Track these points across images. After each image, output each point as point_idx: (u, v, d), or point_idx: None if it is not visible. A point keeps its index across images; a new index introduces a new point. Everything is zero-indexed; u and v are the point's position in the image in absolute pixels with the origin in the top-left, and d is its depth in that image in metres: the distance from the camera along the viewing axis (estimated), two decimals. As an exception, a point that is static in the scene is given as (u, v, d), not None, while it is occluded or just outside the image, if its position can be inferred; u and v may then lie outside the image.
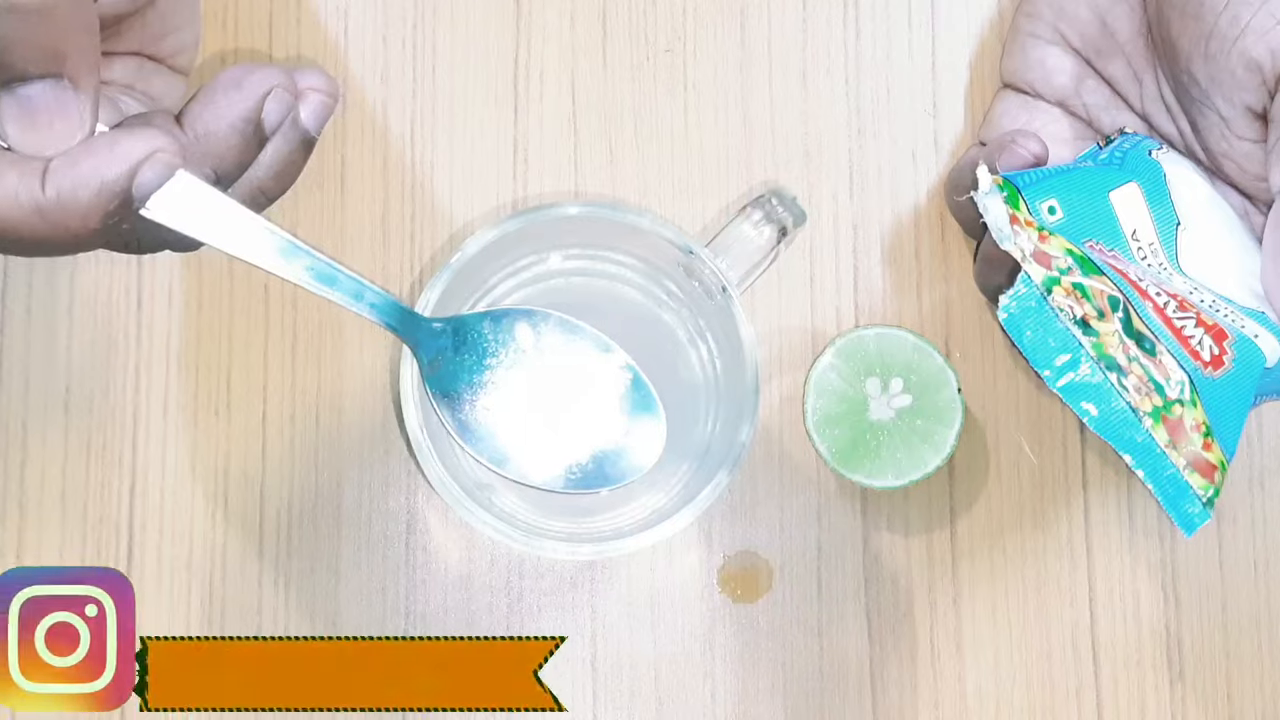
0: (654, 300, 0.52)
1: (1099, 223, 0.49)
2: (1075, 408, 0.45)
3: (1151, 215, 0.49)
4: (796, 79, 0.57)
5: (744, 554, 0.55)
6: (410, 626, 0.54)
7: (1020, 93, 0.54)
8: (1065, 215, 0.49)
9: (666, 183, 0.57)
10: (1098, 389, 0.45)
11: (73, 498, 0.54)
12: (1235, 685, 0.55)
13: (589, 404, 0.46)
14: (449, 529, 0.55)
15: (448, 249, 0.56)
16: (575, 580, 0.55)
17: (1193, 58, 0.48)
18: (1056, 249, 0.46)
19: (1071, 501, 0.56)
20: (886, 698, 0.54)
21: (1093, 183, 0.50)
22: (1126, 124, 0.52)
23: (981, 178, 0.47)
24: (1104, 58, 0.52)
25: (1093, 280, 0.46)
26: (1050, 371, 0.45)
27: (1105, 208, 0.50)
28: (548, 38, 0.57)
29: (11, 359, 0.55)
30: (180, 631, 0.54)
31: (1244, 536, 0.56)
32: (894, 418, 0.53)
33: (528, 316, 0.45)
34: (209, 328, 0.55)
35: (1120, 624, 0.55)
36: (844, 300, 0.56)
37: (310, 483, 0.55)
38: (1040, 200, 0.49)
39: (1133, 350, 0.45)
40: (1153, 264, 0.49)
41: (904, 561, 0.55)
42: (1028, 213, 0.48)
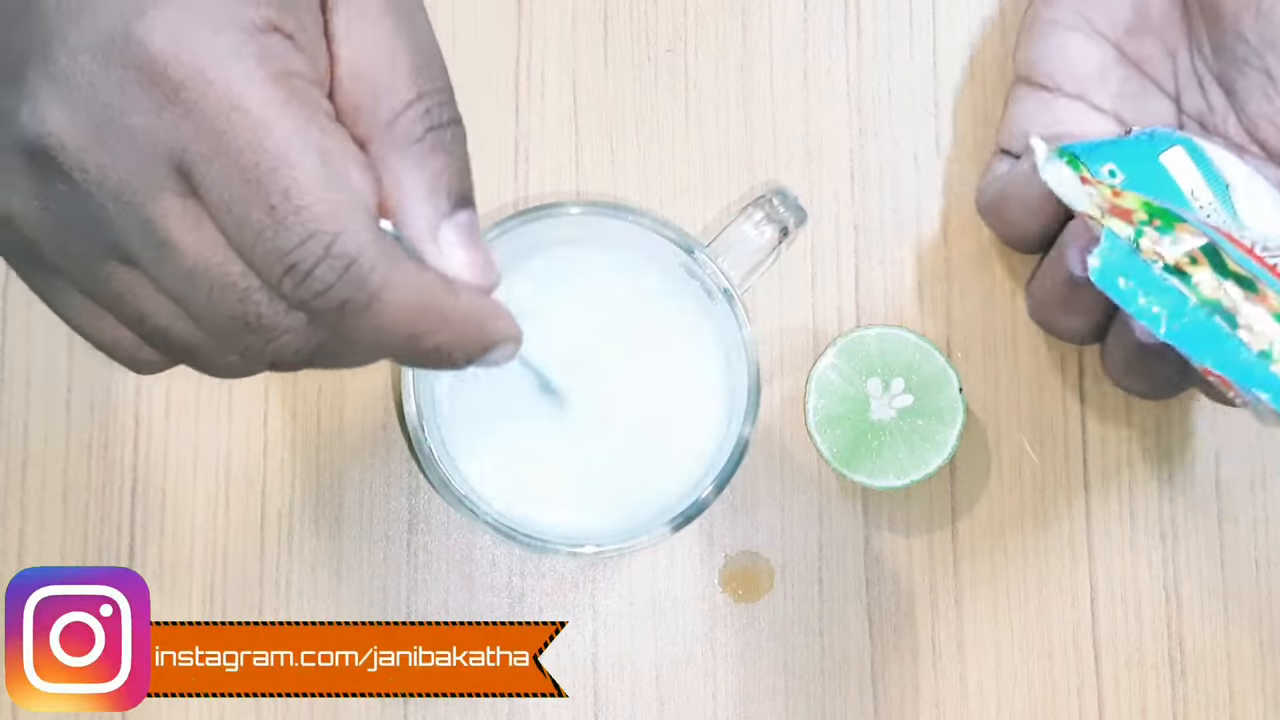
0: (654, 300, 0.52)
1: (1159, 183, 0.48)
2: (1189, 353, 0.43)
3: (1203, 176, 0.49)
4: (798, 79, 0.57)
5: (745, 554, 0.55)
6: (411, 626, 0.54)
7: (1038, 87, 0.53)
8: (1126, 177, 0.48)
9: (668, 182, 0.57)
10: (1208, 330, 0.43)
11: (74, 498, 0.54)
12: (1237, 685, 0.55)
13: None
14: (450, 529, 0.55)
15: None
16: (576, 580, 0.55)
17: (1242, 16, 0.49)
18: (1133, 203, 0.45)
19: (1073, 501, 0.56)
20: (888, 697, 0.54)
21: (1141, 148, 0.49)
22: (1152, 116, 0.52)
23: (1037, 148, 0.46)
24: (1135, 37, 0.52)
25: (1178, 230, 0.44)
26: (1152, 320, 0.43)
27: (1160, 170, 0.48)
28: (549, 37, 0.57)
29: (13, 359, 0.55)
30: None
31: (1245, 536, 0.56)
32: (895, 417, 0.53)
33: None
34: (210, 328, 0.55)
35: (1122, 624, 0.55)
36: (845, 300, 0.56)
37: (311, 483, 0.55)
38: (1099, 164, 0.48)
39: (1233, 291, 0.43)
40: (1217, 222, 0.48)
41: (905, 561, 0.55)
42: (1091, 176, 0.47)
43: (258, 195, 0.33)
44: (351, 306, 0.34)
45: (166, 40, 0.33)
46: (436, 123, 0.36)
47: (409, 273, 0.35)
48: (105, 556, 0.54)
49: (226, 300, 0.35)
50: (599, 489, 0.51)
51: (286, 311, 0.35)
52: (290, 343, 0.36)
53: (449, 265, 0.36)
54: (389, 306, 0.35)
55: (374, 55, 0.36)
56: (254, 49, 0.33)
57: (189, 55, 0.33)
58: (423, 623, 0.54)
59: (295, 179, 0.33)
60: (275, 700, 0.53)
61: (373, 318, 0.35)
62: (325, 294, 0.34)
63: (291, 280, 0.34)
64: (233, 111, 0.33)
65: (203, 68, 0.33)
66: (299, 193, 0.33)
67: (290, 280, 0.34)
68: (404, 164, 0.36)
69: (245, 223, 0.33)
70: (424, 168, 0.36)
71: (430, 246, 0.36)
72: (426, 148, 0.36)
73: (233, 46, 0.33)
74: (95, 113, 0.33)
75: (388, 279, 0.34)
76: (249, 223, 0.33)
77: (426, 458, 0.49)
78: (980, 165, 0.56)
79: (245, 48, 0.33)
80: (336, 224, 0.33)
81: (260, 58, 0.33)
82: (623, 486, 0.51)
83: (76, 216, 0.35)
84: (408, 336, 0.35)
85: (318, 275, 0.34)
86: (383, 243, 0.34)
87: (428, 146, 0.36)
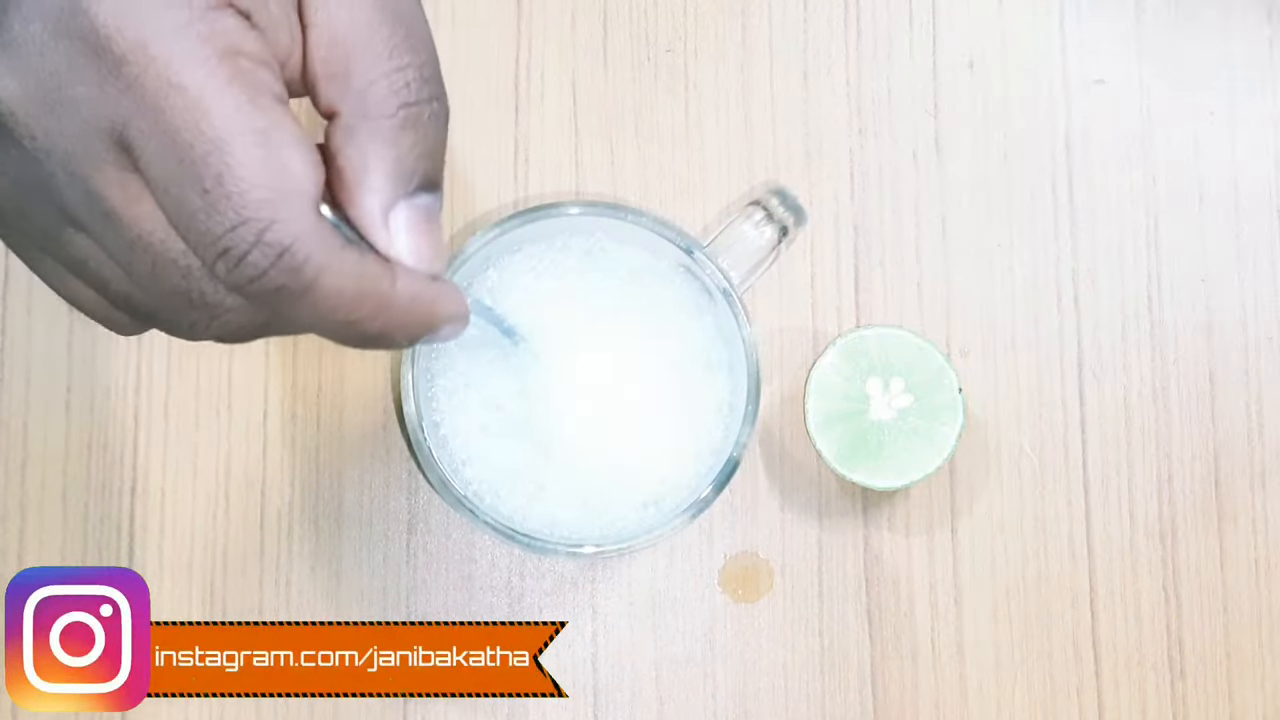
0: (654, 300, 0.52)
1: None
2: None
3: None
4: (797, 79, 0.57)
5: (745, 554, 0.55)
6: (411, 626, 0.54)
7: None
8: None
9: (667, 182, 0.57)
10: None
11: (74, 498, 0.54)
12: (1236, 685, 0.55)
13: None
14: (450, 529, 0.55)
15: (450, 249, 0.56)
16: (576, 580, 0.55)
17: None
18: None
19: (1072, 501, 0.56)
20: (887, 697, 0.54)
21: None
22: None
23: None
24: None
25: None
26: None
27: None
28: (549, 37, 0.57)
29: (13, 359, 0.55)
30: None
31: (1245, 536, 0.56)
32: (895, 418, 0.53)
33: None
34: (210, 328, 0.55)
35: (1121, 624, 0.55)
36: (845, 300, 0.56)
37: (311, 483, 0.55)
38: None
39: None
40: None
41: (905, 561, 0.55)
42: None
43: (192, 177, 0.33)
44: (285, 293, 0.34)
45: (112, 13, 0.33)
46: (412, 99, 0.36)
47: (346, 261, 0.35)
48: (105, 556, 0.54)
49: (169, 275, 0.34)
50: (599, 489, 0.51)
51: (228, 291, 0.35)
52: (233, 320, 0.36)
53: (395, 248, 0.36)
54: (325, 293, 0.34)
55: (351, 24, 0.36)
56: (201, 27, 0.33)
57: (133, 29, 0.33)
58: (423, 623, 0.54)
59: (229, 163, 0.33)
60: (275, 700, 0.53)
61: (309, 304, 0.35)
62: (258, 280, 0.34)
63: (224, 265, 0.34)
64: (171, 90, 0.33)
65: (145, 42, 0.33)
66: (232, 178, 0.33)
67: (223, 265, 0.34)
68: (371, 138, 0.35)
69: (181, 203, 0.33)
70: (390, 144, 0.35)
71: (379, 227, 0.36)
72: (397, 123, 0.35)
73: (179, 23, 0.33)
74: (43, 81, 0.33)
75: (323, 267, 0.34)
76: (184, 203, 0.33)
77: (426, 458, 0.49)
78: (979, 164, 0.56)
79: (192, 25, 0.33)
80: (270, 211, 0.33)
81: (205, 36, 0.33)
82: (622, 487, 0.51)
83: (31, 182, 0.35)
84: (345, 322, 0.35)
85: (250, 261, 0.33)
86: (320, 230, 0.34)
87: (398, 122, 0.35)
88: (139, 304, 0.36)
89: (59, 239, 0.36)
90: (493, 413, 0.51)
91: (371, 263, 0.35)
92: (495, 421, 0.51)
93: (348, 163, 0.36)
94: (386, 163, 0.35)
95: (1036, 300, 0.57)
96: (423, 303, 0.36)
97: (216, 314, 0.35)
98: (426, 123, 0.36)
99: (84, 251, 0.36)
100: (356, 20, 0.36)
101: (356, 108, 0.35)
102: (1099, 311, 0.57)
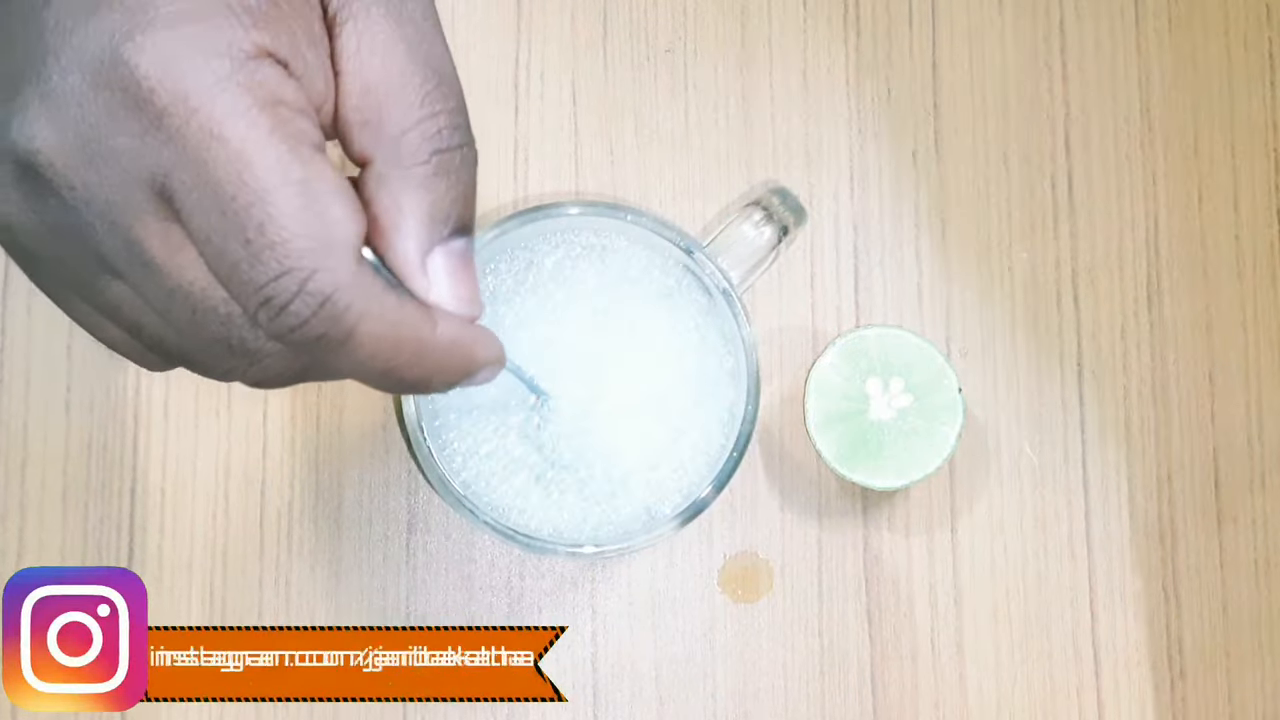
0: (654, 301, 0.52)
1: None
2: None
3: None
4: (797, 79, 0.57)
5: (744, 554, 0.55)
6: (411, 626, 0.54)
7: None
8: None
9: (667, 183, 0.57)
10: None
11: (74, 498, 0.54)
12: (1236, 685, 0.55)
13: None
14: (449, 529, 0.55)
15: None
16: (576, 580, 0.55)
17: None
18: None
19: (1072, 501, 0.56)
20: (887, 698, 0.54)
21: None
22: None
23: None
24: None
25: None
26: None
27: None
28: (548, 37, 0.57)
29: (13, 359, 0.55)
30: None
31: (1244, 536, 0.56)
32: (895, 418, 0.53)
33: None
34: (210, 328, 0.55)
35: (1121, 624, 0.55)
36: (844, 300, 0.56)
37: (311, 483, 0.55)
38: None
39: None
40: None
41: (905, 561, 0.55)
42: None
43: (235, 227, 0.33)
44: (327, 341, 0.34)
45: (153, 64, 0.33)
46: (445, 145, 0.36)
47: (387, 308, 0.35)
48: (104, 556, 0.54)
49: (209, 323, 0.35)
50: (599, 489, 0.51)
51: (268, 339, 0.35)
52: (272, 366, 0.36)
53: (434, 293, 0.36)
54: (365, 341, 0.35)
55: (384, 72, 0.36)
56: (242, 77, 0.33)
57: (174, 81, 0.33)
58: (422, 627, 0.54)
59: (271, 214, 0.33)
60: (274, 704, 0.53)
61: (350, 352, 0.35)
62: (300, 329, 0.34)
63: (266, 314, 0.34)
64: (213, 141, 0.33)
65: (186, 94, 0.33)
66: (275, 228, 0.33)
67: (265, 313, 0.34)
68: (405, 184, 0.36)
69: (223, 253, 0.33)
70: (425, 190, 0.36)
71: (418, 273, 0.36)
72: (430, 170, 0.36)
73: (220, 74, 0.33)
74: (83, 132, 0.33)
75: (363, 315, 0.34)
76: (226, 253, 0.33)
77: (426, 458, 0.49)
78: (977, 164, 0.56)
79: (233, 76, 0.33)
80: (313, 260, 0.33)
81: (247, 86, 0.33)
82: (622, 486, 0.51)
83: (69, 230, 0.35)
84: (385, 369, 0.36)
85: (292, 310, 0.34)
86: (361, 277, 0.34)
87: (432, 169, 0.36)
88: (173, 347, 0.37)
89: (95, 285, 0.36)
90: (493, 413, 0.51)
91: (411, 309, 0.36)
92: (495, 421, 0.51)
93: (383, 210, 0.36)
94: (421, 209, 0.36)
95: (1036, 300, 0.57)
96: (461, 347, 0.37)
97: (255, 360, 0.35)
98: (459, 168, 0.36)
99: (120, 297, 0.36)
100: (389, 68, 0.36)
101: (390, 155, 0.36)
102: (1098, 311, 0.57)
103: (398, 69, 0.36)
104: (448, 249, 0.36)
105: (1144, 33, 0.59)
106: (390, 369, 0.36)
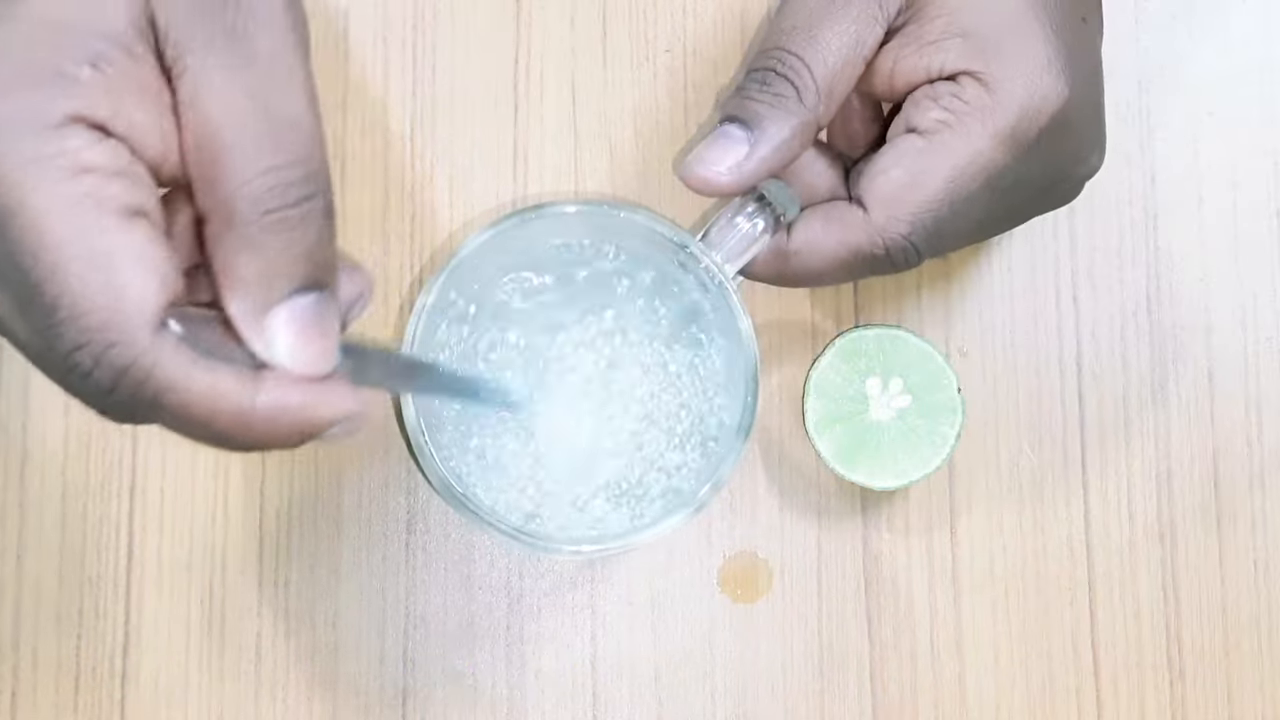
0: (652, 299, 0.52)
1: None
2: None
3: None
4: (796, 79, 0.57)
5: (744, 554, 0.55)
6: (410, 626, 0.54)
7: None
8: None
9: (666, 183, 0.57)
10: None
11: (73, 498, 0.54)
12: (1235, 685, 0.55)
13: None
14: (449, 529, 0.55)
15: (447, 248, 0.56)
16: (575, 580, 0.55)
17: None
18: None
19: (1071, 501, 0.56)
20: (886, 698, 0.54)
21: None
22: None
23: None
24: None
25: None
26: None
27: None
28: (548, 38, 0.57)
29: (13, 359, 0.55)
30: (180, 632, 0.54)
31: (1244, 536, 0.56)
32: (894, 418, 0.53)
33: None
34: (209, 328, 0.55)
35: (1120, 624, 0.55)
36: (844, 300, 0.56)
37: (310, 483, 0.55)
38: None
39: None
40: None
41: (904, 561, 0.55)
42: None
43: (38, 300, 0.33)
44: (136, 404, 0.34)
45: None
46: (277, 204, 0.35)
47: (194, 379, 0.35)
48: (104, 557, 0.54)
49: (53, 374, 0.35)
50: (596, 488, 0.51)
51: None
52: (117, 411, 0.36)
53: (273, 353, 0.36)
54: (175, 409, 0.35)
55: (219, 125, 0.35)
56: (47, 149, 0.33)
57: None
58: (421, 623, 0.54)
59: (65, 288, 0.33)
60: (274, 702, 0.53)
61: (168, 420, 0.35)
62: (108, 396, 0.34)
63: (74, 380, 0.34)
64: (12, 216, 0.33)
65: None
66: (70, 301, 0.33)
67: (74, 380, 0.34)
68: (236, 244, 0.35)
69: (33, 325, 0.34)
70: (255, 250, 0.35)
71: (254, 333, 0.36)
72: (261, 229, 0.35)
73: (23, 147, 0.33)
74: None
75: (166, 387, 0.34)
76: (35, 324, 0.34)
77: (426, 459, 0.49)
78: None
79: (37, 148, 0.33)
80: (108, 334, 0.33)
81: (50, 157, 0.33)
82: (620, 485, 0.51)
83: None
84: (209, 435, 0.36)
85: (94, 379, 0.34)
86: (160, 349, 0.34)
87: (262, 228, 0.35)
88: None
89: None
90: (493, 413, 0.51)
91: (225, 378, 0.35)
92: (495, 422, 0.51)
93: (218, 269, 0.35)
94: (252, 270, 0.35)
95: (1035, 300, 0.57)
96: (289, 414, 0.36)
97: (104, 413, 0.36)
98: (299, 224, 0.35)
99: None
100: (226, 120, 0.35)
101: (222, 214, 0.35)
102: (1098, 311, 0.57)
103: (234, 120, 0.35)
104: (291, 306, 0.35)
105: (1143, 31, 0.59)
106: (213, 435, 0.36)
